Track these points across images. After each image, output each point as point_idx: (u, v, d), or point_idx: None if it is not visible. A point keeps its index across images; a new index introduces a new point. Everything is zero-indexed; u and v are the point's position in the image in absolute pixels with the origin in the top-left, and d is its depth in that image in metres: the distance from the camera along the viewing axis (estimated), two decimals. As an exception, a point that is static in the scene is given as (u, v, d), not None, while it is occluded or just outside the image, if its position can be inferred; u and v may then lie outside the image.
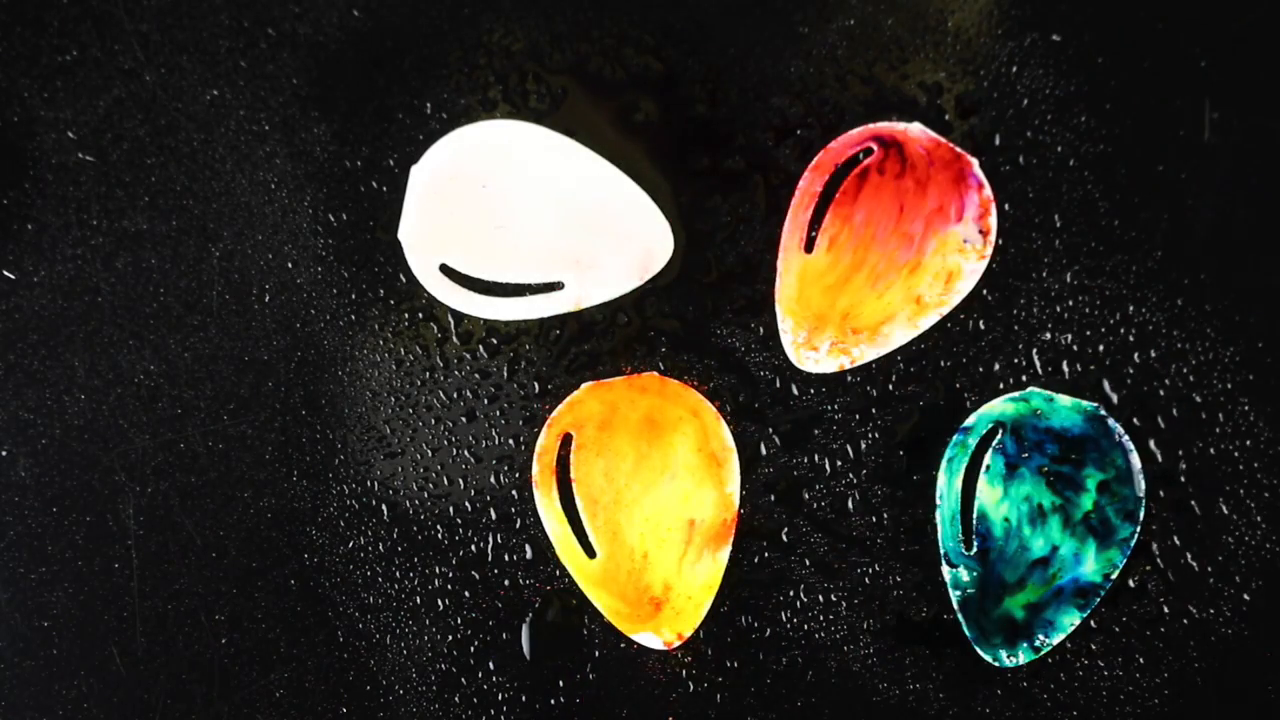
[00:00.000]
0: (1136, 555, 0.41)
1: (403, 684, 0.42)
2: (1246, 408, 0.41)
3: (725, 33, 0.43)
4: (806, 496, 0.42)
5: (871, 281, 0.42)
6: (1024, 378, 0.41)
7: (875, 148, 0.42)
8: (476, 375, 0.43)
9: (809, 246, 0.42)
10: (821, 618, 0.42)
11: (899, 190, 0.41)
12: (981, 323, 0.41)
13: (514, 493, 0.42)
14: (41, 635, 0.42)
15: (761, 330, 0.42)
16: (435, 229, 0.42)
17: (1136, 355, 0.41)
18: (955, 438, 0.41)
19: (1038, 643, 0.41)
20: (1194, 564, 0.41)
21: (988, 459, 0.41)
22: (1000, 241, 0.41)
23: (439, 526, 0.42)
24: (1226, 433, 0.41)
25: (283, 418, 0.43)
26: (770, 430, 0.42)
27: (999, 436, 0.41)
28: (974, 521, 0.41)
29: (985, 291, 0.41)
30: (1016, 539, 0.41)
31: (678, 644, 0.42)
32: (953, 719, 0.41)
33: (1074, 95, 0.41)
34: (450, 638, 0.42)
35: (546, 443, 0.42)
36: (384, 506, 0.43)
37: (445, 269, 0.42)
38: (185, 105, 0.43)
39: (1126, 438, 0.40)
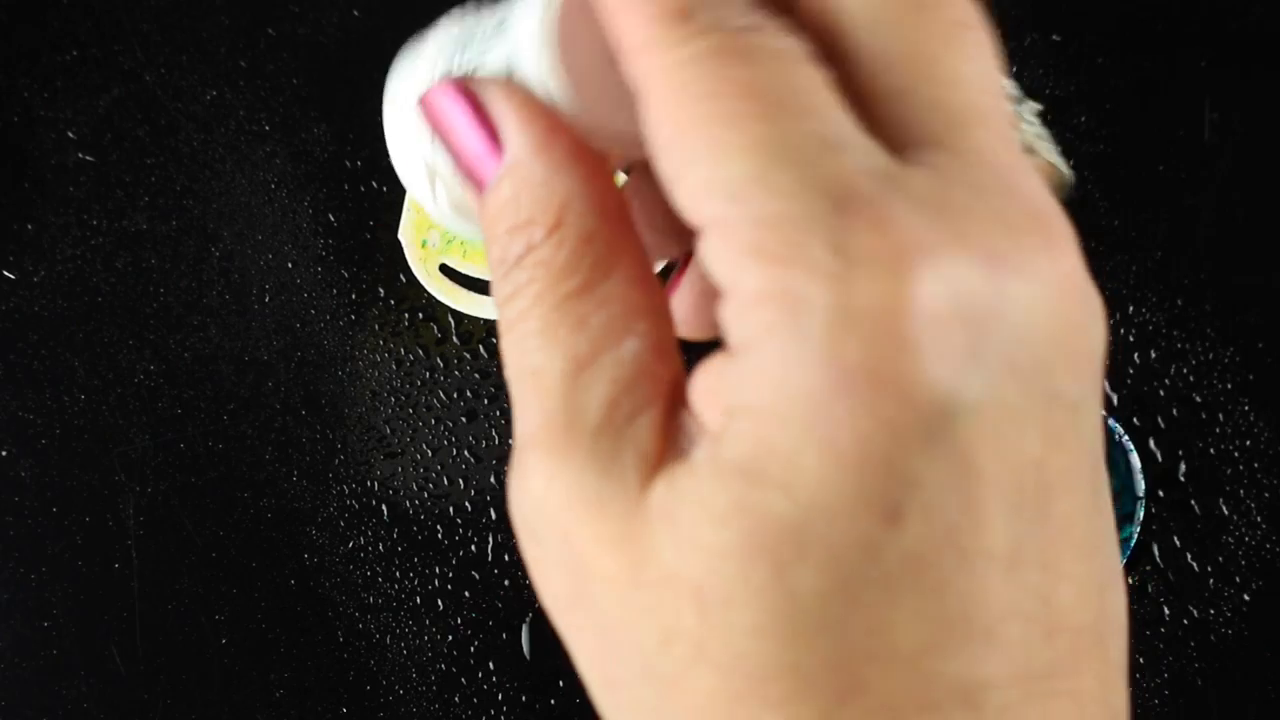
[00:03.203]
0: (1136, 555, 0.41)
1: (403, 684, 0.42)
2: (1246, 408, 0.41)
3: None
4: (806, 496, 0.42)
5: (871, 281, 0.41)
6: (1024, 378, 0.41)
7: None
8: (476, 375, 0.43)
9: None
10: (821, 618, 0.42)
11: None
12: (981, 323, 0.41)
13: (514, 493, 0.42)
14: (41, 635, 0.42)
15: (761, 330, 0.42)
16: (435, 228, 0.42)
17: (1136, 355, 0.41)
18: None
19: (1038, 643, 0.41)
20: (1194, 564, 0.41)
21: (987, 459, 0.41)
22: (1000, 241, 0.41)
23: (439, 526, 0.42)
24: (1226, 433, 0.41)
25: (283, 418, 0.43)
26: (770, 430, 0.42)
27: (999, 436, 0.41)
28: (974, 521, 0.41)
29: (985, 291, 0.41)
30: (1016, 539, 0.41)
31: (678, 644, 0.42)
32: (953, 719, 0.41)
33: (1074, 95, 0.41)
34: (450, 638, 0.42)
35: (546, 443, 0.42)
36: (384, 506, 0.43)
37: (445, 269, 0.42)
38: (185, 105, 0.43)
39: (1126, 438, 0.40)
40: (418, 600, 0.42)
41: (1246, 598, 0.41)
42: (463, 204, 0.20)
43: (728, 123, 0.14)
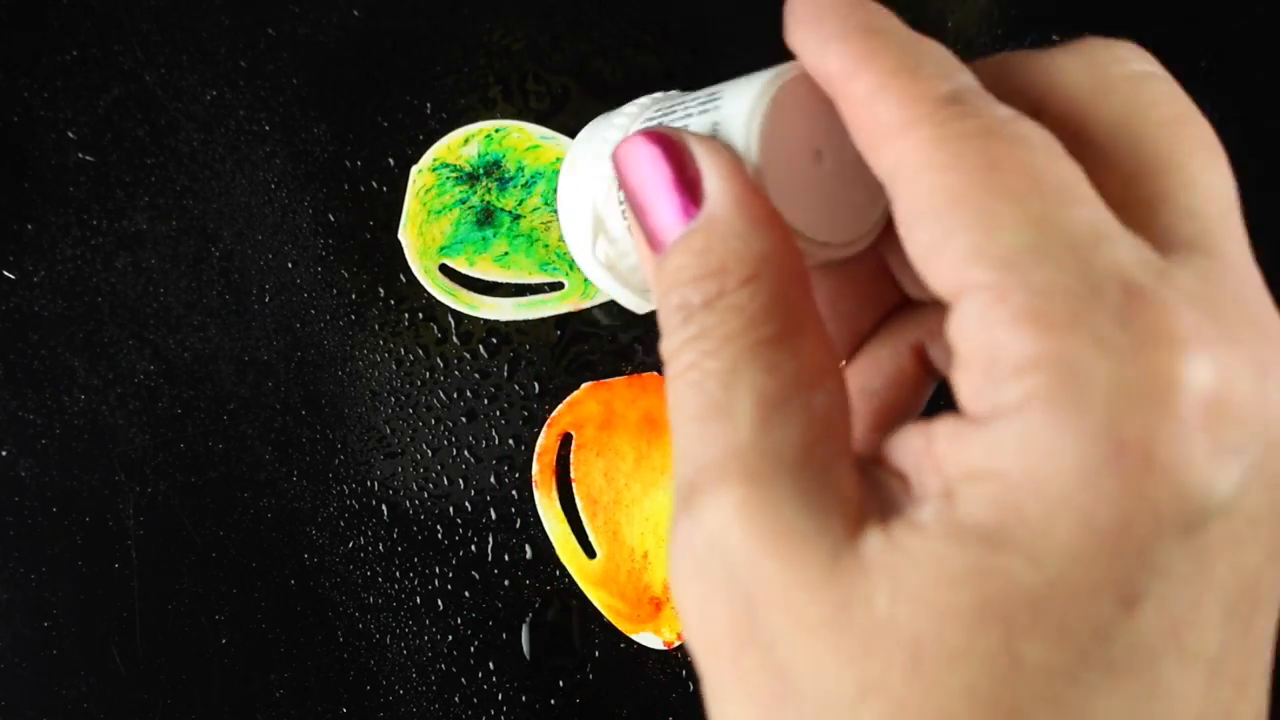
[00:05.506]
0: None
1: (403, 684, 0.42)
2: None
3: (725, 33, 0.43)
4: (806, 496, 0.42)
5: (871, 281, 0.41)
6: (1024, 378, 0.41)
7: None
8: (476, 375, 0.43)
9: (809, 246, 0.42)
10: (821, 618, 0.42)
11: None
12: (981, 323, 0.41)
13: (514, 493, 0.42)
14: (41, 635, 0.42)
15: (761, 330, 0.42)
16: (442, 248, 0.42)
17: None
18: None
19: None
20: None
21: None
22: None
23: (439, 526, 0.42)
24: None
25: (283, 418, 0.43)
26: (770, 430, 0.42)
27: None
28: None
29: (985, 291, 0.41)
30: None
31: (678, 644, 0.42)
32: (953, 719, 0.41)
33: (1074, 95, 0.41)
34: (450, 638, 0.42)
35: (546, 443, 0.42)
36: (384, 506, 0.43)
37: (445, 269, 0.42)
38: (185, 105, 0.43)
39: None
40: (418, 600, 0.42)
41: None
42: (618, 263, 0.20)
43: (1004, 196, 0.14)
